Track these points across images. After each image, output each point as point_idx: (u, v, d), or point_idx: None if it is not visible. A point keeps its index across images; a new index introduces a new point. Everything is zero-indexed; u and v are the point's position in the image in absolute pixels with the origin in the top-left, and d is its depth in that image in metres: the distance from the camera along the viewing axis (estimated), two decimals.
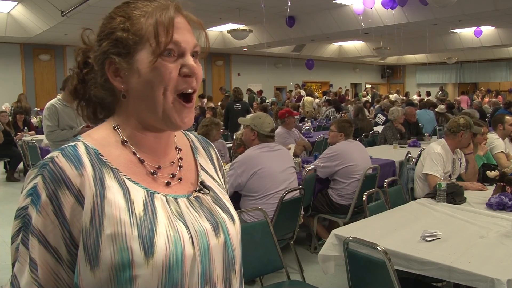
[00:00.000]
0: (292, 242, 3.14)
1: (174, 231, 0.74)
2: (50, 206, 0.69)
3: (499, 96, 15.38)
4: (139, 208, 0.73)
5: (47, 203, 0.69)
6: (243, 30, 10.84)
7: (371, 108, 12.75)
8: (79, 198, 0.71)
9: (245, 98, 10.78)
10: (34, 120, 9.04)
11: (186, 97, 0.78)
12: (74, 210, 0.70)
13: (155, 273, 0.70)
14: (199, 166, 0.90)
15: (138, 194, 0.75)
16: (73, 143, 0.76)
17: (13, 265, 0.72)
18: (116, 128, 0.80)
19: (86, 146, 0.76)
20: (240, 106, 7.53)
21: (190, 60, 0.77)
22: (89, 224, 0.70)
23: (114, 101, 0.81)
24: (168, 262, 0.71)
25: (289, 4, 8.33)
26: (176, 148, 0.87)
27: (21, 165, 7.51)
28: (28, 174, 0.73)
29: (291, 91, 15.80)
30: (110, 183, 0.74)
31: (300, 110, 12.18)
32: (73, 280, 0.72)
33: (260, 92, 13.66)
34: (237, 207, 3.07)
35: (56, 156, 0.72)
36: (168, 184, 0.81)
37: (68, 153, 0.73)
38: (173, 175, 0.83)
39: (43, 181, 0.70)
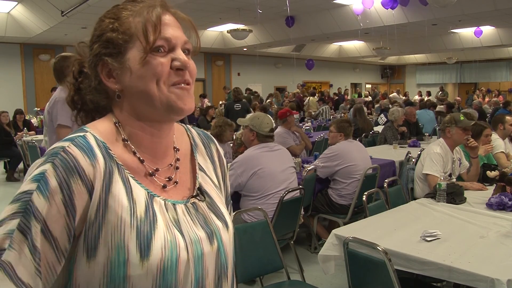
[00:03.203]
0: (292, 242, 3.14)
1: (172, 237, 0.74)
2: (60, 195, 0.68)
3: (500, 96, 15.36)
4: (140, 209, 0.74)
5: (57, 191, 0.68)
6: (243, 30, 10.83)
7: (372, 108, 12.76)
8: (90, 189, 0.70)
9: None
10: (34, 120, 9.04)
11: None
12: (84, 201, 0.70)
13: (149, 276, 0.71)
14: (197, 166, 0.89)
15: (140, 194, 0.75)
16: (81, 134, 0.74)
17: None
18: (117, 124, 0.80)
19: (95, 138, 0.75)
20: (240, 106, 7.54)
21: (180, 54, 0.77)
22: (94, 216, 0.70)
23: (109, 104, 0.81)
24: (163, 266, 0.71)
25: (288, 4, 8.33)
26: (174, 148, 0.87)
27: (21, 165, 7.52)
28: (34, 163, 0.71)
29: (283, 91, 15.77)
30: (116, 178, 0.74)
31: (306, 110, 12.22)
32: (61, 267, 0.70)
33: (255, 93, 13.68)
34: (237, 207, 3.07)
35: (68, 146, 0.71)
36: (164, 187, 0.81)
37: (80, 143, 0.72)
38: (169, 179, 0.82)
39: (54, 168, 0.68)
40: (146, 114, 0.78)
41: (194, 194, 0.85)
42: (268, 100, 12.11)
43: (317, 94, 14.23)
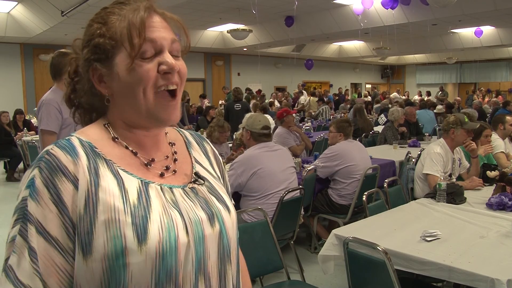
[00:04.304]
0: (292, 242, 3.14)
1: (168, 218, 0.74)
2: (48, 194, 0.70)
3: (499, 96, 15.36)
4: (133, 196, 0.74)
5: (44, 191, 0.70)
6: (243, 30, 10.82)
7: (372, 109, 12.77)
8: (76, 184, 0.71)
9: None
10: (34, 120, 9.04)
11: (169, 93, 0.79)
12: (73, 196, 0.71)
13: (148, 261, 0.70)
14: (193, 159, 0.90)
15: (132, 184, 0.76)
16: (66, 138, 0.77)
17: (6, 260, 0.70)
18: (106, 125, 0.82)
19: (80, 140, 0.77)
20: (240, 106, 7.54)
21: (167, 57, 0.77)
22: (83, 211, 0.71)
23: (102, 106, 0.82)
24: (162, 249, 0.71)
25: (296, 4, 8.33)
26: (170, 143, 0.89)
27: (21, 165, 7.52)
28: (26, 172, 0.74)
29: (282, 91, 15.78)
30: (104, 172, 0.74)
31: (306, 110, 12.22)
32: (74, 269, 0.72)
33: (259, 91, 13.67)
34: (237, 207, 3.06)
35: (51, 148, 0.74)
36: (162, 175, 0.81)
37: (63, 144, 0.75)
38: (167, 168, 0.83)
39: (40, 171, 0.71)
40: (133, 120, 0.80)
41: (192, 180, 0.85)
42: (270, 100, 12.11)
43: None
